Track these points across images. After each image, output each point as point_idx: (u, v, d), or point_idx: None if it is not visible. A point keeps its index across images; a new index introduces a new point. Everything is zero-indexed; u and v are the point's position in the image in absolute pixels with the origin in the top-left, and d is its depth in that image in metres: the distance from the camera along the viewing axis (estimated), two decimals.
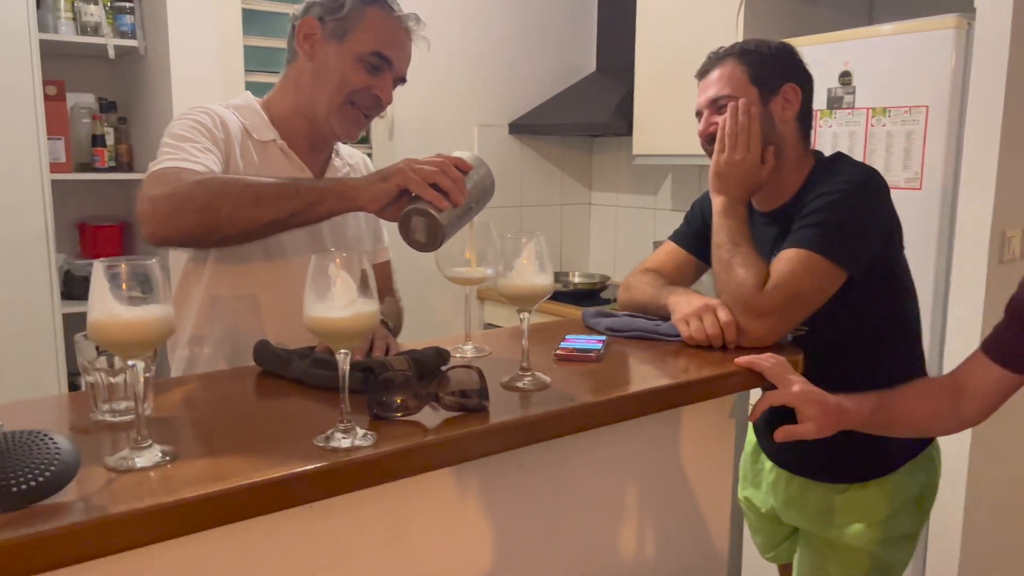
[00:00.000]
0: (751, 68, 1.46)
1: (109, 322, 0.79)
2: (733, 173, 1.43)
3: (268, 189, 1.16)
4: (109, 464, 0.82)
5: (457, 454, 0.96)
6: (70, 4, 2.64)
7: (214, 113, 1.35)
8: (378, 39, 1.36)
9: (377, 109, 1.42)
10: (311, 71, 1.38)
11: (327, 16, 1.36)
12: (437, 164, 1.15)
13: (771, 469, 1.59)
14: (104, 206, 3.00)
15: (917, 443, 1.49)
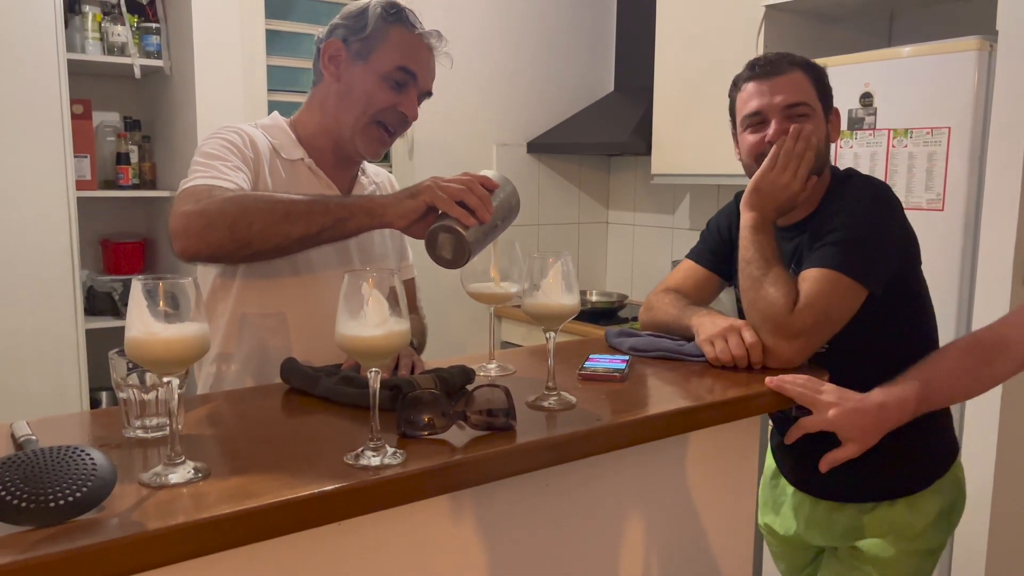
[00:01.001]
0: (818, 85, 1.44)
1: (147, 340, 0.80)
2: (775, 194, 1.38)
3: (298, 205, 1.18)
4: (143, 480, 0.83)
5: (485, 473, 0.96)
6: (97, 24, 2.69)
7: (243, 132, 1.37)
8: (402, 55, 1.38)
9: (403, 126, 1.44)
10: (337, 92, 1.40)
11: (351, 37, 1.38)
12: (464, 182, 1.17)
13: (793, 493, 1.57)
14: (127, 223, 3.04)
15: (942, 462, 1.48)
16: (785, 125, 1.41)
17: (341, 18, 1.41)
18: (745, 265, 1.39)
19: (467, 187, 1.16)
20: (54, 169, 2.47)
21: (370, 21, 1.37)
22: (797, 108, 1.42)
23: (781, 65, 1.43)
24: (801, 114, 1.42)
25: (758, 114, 1.44)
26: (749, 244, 1.39)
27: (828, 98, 1.46)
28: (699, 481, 1.32)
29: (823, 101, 1.45)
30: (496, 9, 3.40)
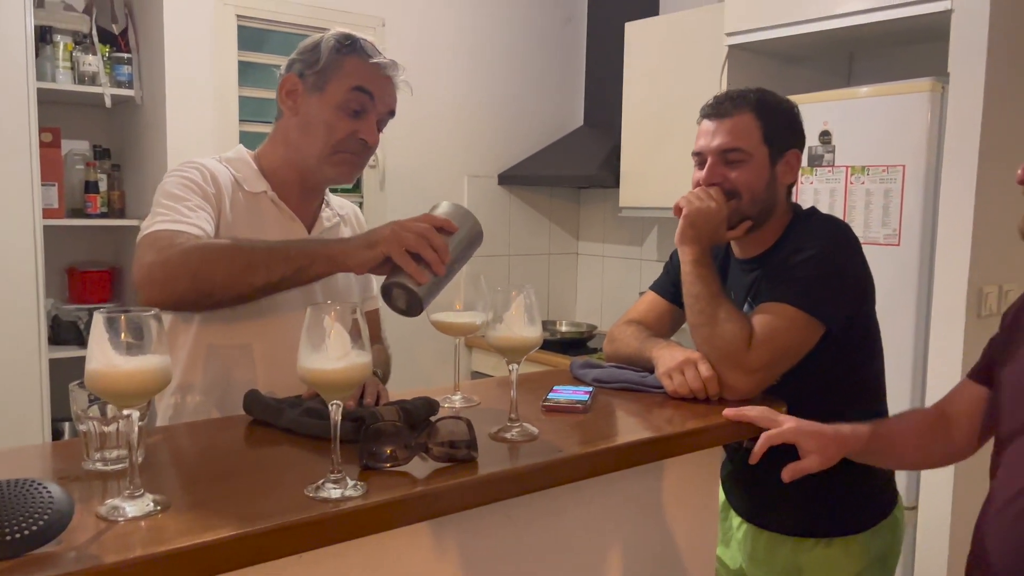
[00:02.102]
0: (766, 126, 1.44)
1: (108, 372, 0.80)
2: (708, 220, 1.42)
3: (259, 254, 1.19)
4: (101, 513, 0.83)
5: (446, 505, 0.97)
6: (68, 54, 2.69)
7: (204, 168, 1.38)
8: (357, 79, 1.38)
9: (366, 151, 1.44)
10: (297, 125, 1.41)
11: (306, 71, 1.40)
12: (422, 232, 1.18)
13: (739, 525, 1.59)
14: (94, 251, 3.02)
15: (885, 505, 1.51)
16: (717, 169, 1.45)
17: (297, 53, 1.42)
18: (693, 301, 1.41)
19: (425, 238, 1.17)
20: (21, 197, 2.46)
21: (323, 54, 1.39)
22: (731, 154, 1.44)
23: (730, 107, 1.45)
24: (734, 159, 1.44)
25: (699, 153, 1.49)
26: (695, 279, 1.41)
27: (781, 140, 1.46)
28: (661, 512, 1.34)
29: (771, 144, 1.45)
30: (468, 43, 3.45)
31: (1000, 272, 2.12)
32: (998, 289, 2.13)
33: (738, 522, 1.60)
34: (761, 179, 1.45)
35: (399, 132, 3.28)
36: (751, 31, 2.59)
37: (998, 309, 2.12)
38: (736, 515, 1.61)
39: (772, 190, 1.47)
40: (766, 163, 1.45)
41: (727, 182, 1.45)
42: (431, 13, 3.34)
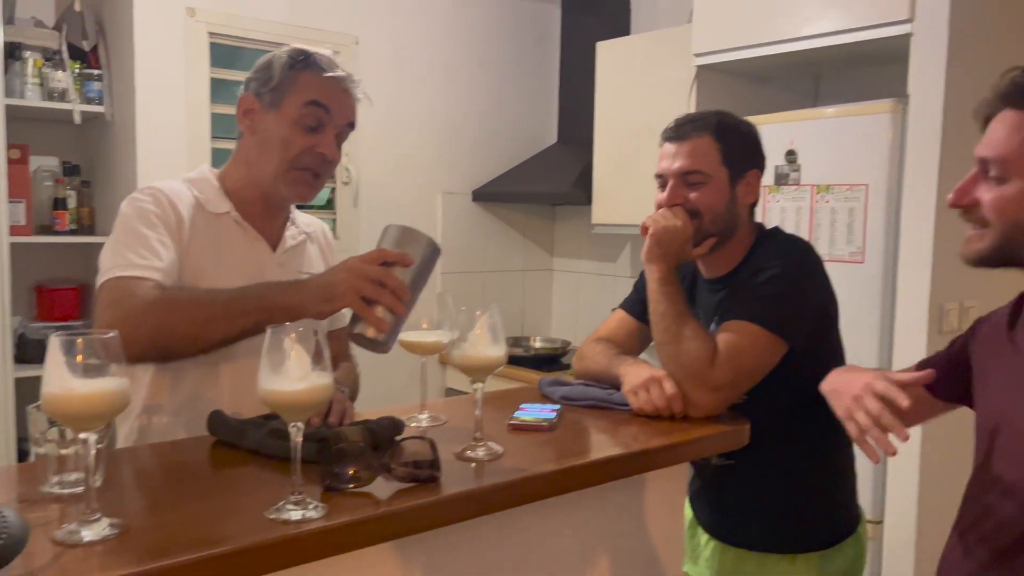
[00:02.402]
0: (725, 148, 1.47)
1: (64, 395, 0.80)
2: (673, 239, 1.44)
3: (217, 309, 1.20)
4: (57, 537, 0.82)
5: (408, 526, 0.97)
6: (38, 70, 2.68)
7: (162, 194, 1.37)
8: (312, 93, 1.38)
9: (326, 167, 1.42)
10: (255, 144, 1.42)
11: (262, 89, 1.40)
12: (377, 278, 1.18)
13: (707, 542, 1.60)
14: (63, 269, 2.99)
15: (849, 523, 1.53)
16: (678, 191, 1.48)
17: (252, 71, 1.43)
18: (659, 319, 1.43)
19: (380, 283, 1.17)
20: None
21: (277, 71, 1.39)
22: (691, 176, 1.47)
23: (689, 130, 1.49)
24: (694, 181, 1.47)
25: (661, 176, 1.52)
26: (661, 297, 1.44)
27: (740, 161, 1.49)
28: (628, 530, 1.35)
29: (730, 165, 1.48)
30: (442, 61, 3.47)
31: (961, 289, 2.16)
32: (959, 306, 2.17)
33: (706, 539, 1.61)
34: (721, 199, 1.47)
35: (373, 149, 3.29)
36: (718, 52, 2.63)
37: (959, 326, 2.16)
38: (704, 532, 1.62)
39: (733, 210, 1.49)
40: (726, 184, 1.48)
41: (688, 203, 1.47)
42: (405, 31, 3.36)
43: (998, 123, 1.05)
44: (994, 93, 1.07)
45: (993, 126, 1.06)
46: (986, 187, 1.06)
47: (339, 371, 1.50)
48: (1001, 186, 1.04)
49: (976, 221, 1.08)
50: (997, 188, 1.04)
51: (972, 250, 1.10)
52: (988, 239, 1.07)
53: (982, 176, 1.07)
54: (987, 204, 1.06)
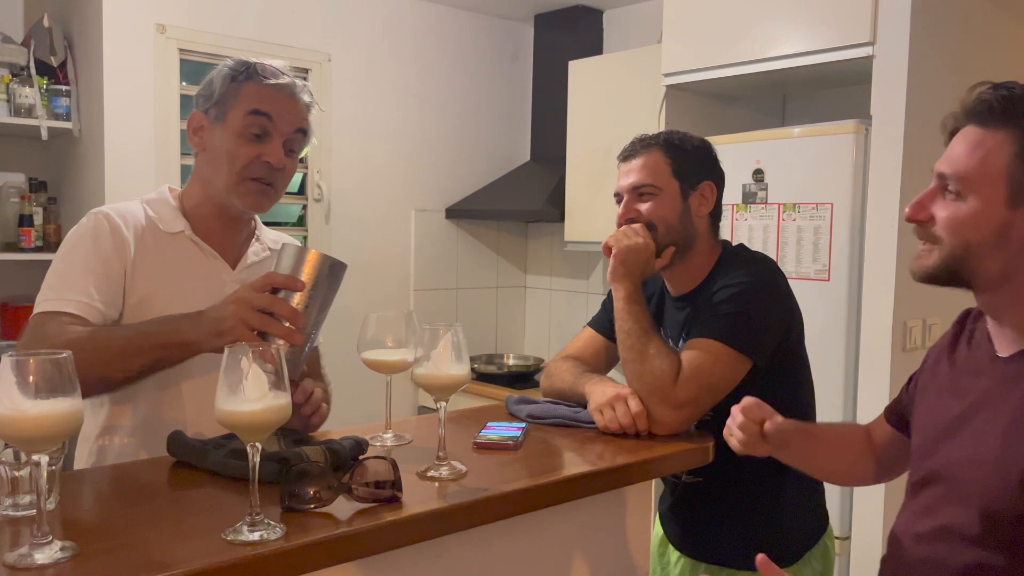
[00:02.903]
0: (674, 161, 1.52)
1: (15, 417, 0.79)
2: (636, 258, 1.47)
3: (113, 350, 1.20)
4: (8, 561, 0.81)
5: (369, 546, 0.96)
6: (4, 86, 2.65)
7: (103, 219, 1.36)
8: (252, 102, 1.37)
9: (278, 175, 1.40)
10: (206, 160, 1.41)
11: (207, 105, 1.40)
12: (265, 307, 1.17)
13: (677, 560, 1.61)
14: (28, 286, 2.93)
15: (812, 534, 1.54)
16: (632, 206, 1.53)
17: (198, 89, 1.43)
18: (625, 336, 1.44)
19: (271, 311, 1.17)
20: None
21: (218, 84, 1.38)
22: (641, 189, 1.52)
23: (638, 148, 1.54)
24: (645, 193, 1.51)
25: (618, 194, 1.56)
26: (627, 316, 1.45)
27: (692, 173, 1.53)
28: (593, 547, 1.35)
29: (681, 177, 1.52)
30: (415, 78, 3.49)
31: (924, 307, 2.20)
32: (922, 323, 2.21)
33: (676, 556, 1.62)
34: (673, 210, 1.51)
35: (345, 166, 3.28)
36: (687, 72, 2.67)
37: (923, 343, 2.19)
38: (674, 549, 1.62)
39: (687, 220, 1.52)
40: (677, 195, 1.51)
41: (640, 216, 1.51)
42: (378, 48, 3.37)
43: (960, 139, 1.04)
44: (961, 108, 1.05)
45: (955, 142, 1.05)
46: (942, 204, 1.05)
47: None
48: (957, 203, 1.03)
49: (928, 237, 1.08)
50: (952, 205, 1.04)
51: (919, 266, 1.09)
52: (936, 256, 1.06)
53: (939, 192, 1.06)
54: (941, 222, 1.05)
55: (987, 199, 1.01)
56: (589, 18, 3.55)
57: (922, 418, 1.17)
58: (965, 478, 1.04)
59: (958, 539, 1.03)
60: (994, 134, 1.01)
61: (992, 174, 1.00)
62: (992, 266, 1.02)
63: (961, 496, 1.04)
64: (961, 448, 1.06)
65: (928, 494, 1.10)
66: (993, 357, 1.08)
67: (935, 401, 1.15)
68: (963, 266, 1.04)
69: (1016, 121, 1.00)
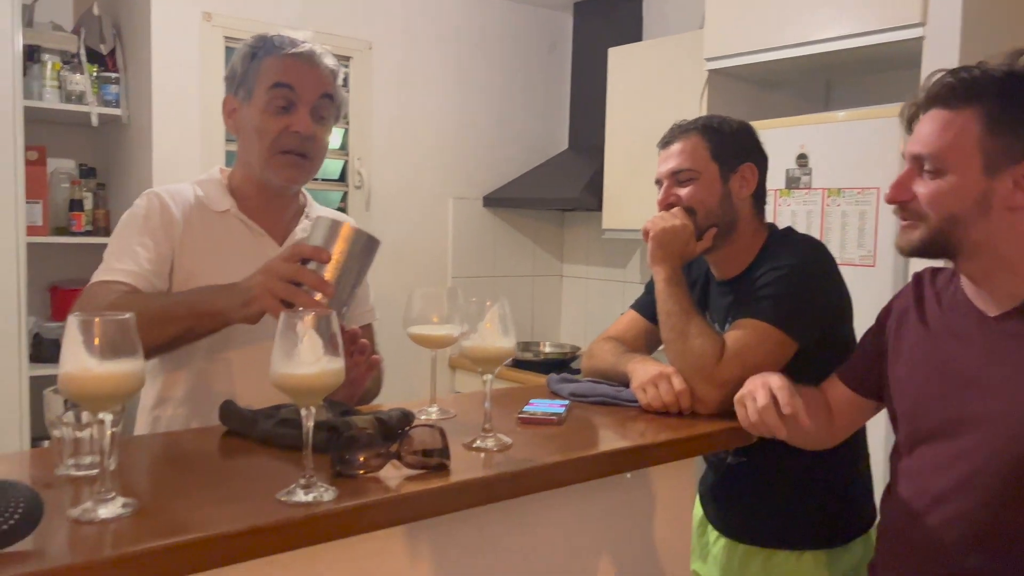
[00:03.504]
0: (713, 144, 1.52)
1: (81, 375, 0.82)
2: (675, 240, 1.47)
3: (150, 316, 1.19)
4: (72, 515, 0.83)
5: (416, 511, 0.98)
6: (56, 73, 2.72)
7: (155, 197, 1.40)
8: (272, 75, 1.39)
9: (309, 144, 1.41)
10: (242, 140, 1.45)
11: (235, 87, 1.43)
12: (291, 276, 1.15)
13: (716, 540, 1.60)
14: (78, 270, 3.00)
15: (863, 521, 1.52)
16: (671, 191, 1.53)
17: (225, 73, 1.46)
18: (666, 317, 1.44)
19: (297, 279, 1.15)
20: (5, 214, 2.46)
21: (239, 64, 1.41)
22: (681, 174, 1.52)
23: (676, 133, 1.55)
24: (685, 179, 1.51)
25: (658, 181, 1.57)
26: (667, 297, 1.45)
27: (732, 155, 1.52)
28: (635, 524, 1.35)
29: (720, 160, 1.51)
30: (455, 67, 3.50)
31: None
32: None
33: (715, 536, 1.61)
34: (713, 193, 1.50)
35: (385, 154, 3.31)
36: (730, 56, 2.65)
37: None
38: (714, 529, 1.62)
39: (728, 203, 1.51)
40: (716, 178, 1.51)
41: (680, 200, 1.51)
42: (418, 37, 3.39)
43: (928, 121, 1.13)
44: (924, 94, 1.15)
45: (922, 124, 1.14)
46: (922, 183, 1.14)
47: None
48: (936, 180, 1.11)
49: (911, 215, 1.16)
50: (933, 183, 1.12)
51: (907, 240, 1.17)
52: (922, 229, 1.14)
53: (916, 172, 1.14)
54: (923, 197, 1.13)
55: (965, 172, 1.10)
56: (629, 5, 3.53)
57: (906, 378, 1.24)
58: (995, 429, 1.10)
59: (986, 490, 1.09)
60: (962, 112, 1.10)
61: (967, 148, 1.09)
62: (976, 234, 1.11)
63: (991, 447, 1.09)
64: (981, 401, 1.12)
65: (939, 449, 1.16)
66: (982, 317, 1.16)
67: (921, 360, 1.22)
68: (949, 237, 1.13)
69: (980, 98, 1.09)
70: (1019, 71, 1.10)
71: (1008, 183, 1.09)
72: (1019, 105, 1.09)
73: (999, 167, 1.09)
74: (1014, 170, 1.09)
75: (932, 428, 1.18)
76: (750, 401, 1.26)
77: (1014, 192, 1.09)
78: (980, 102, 1.09)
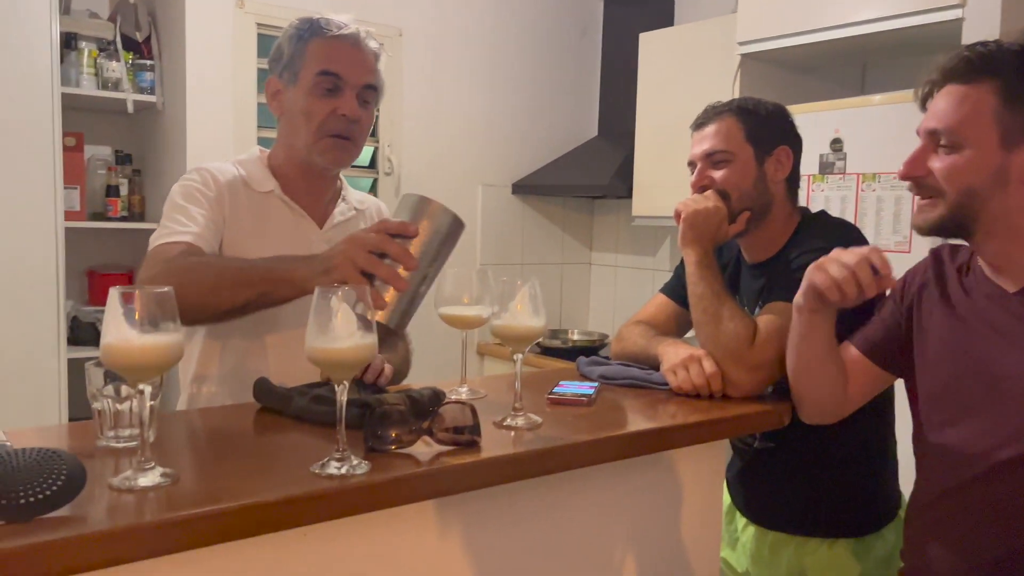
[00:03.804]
0: (748, 126, 1.50)
1: (122, 346, 0.83)
2: (707, 222, 1.46)
3: (224, 278, 1.21)
4: (113, 484, 0.85)
5: (447, 486, 0.99)
6: (93, 60, 2.76)
7: (207, 173, 1.42)
8: (320, 62, 1.40)
9: (355, 128, 1.43)
10: (285, 122, 1.46)
11: (280, 68, 1.44)
12: (375, 246, 1.13)
13: (745, 527, 1.59)
14: (114, 254, 3.07)
15: (891, 507, 1.50)
16: (705, 173, 1.51)
17: (270, 55, 1.47)
18: (697, 300, 1.43)
19: (381, 249, 1.13)
20: (43, 199, 2.51)
21: (286, 46, 1.43)
22: (715, 156, 1.50)
23: (711, 115, 1.53)
24: (719, 161, 1.49)
25: (692, 163, 1.55)
26: (698, 280, 1.44)
27: (767, 138, 1.50)
28: (664, 506, 1.35)
29: (755, 142, 1.49)
30: (484, 53, 3.50)
31: None
32: None
33: (743, 523, 1.60)
34: (747, 176, 1.49)
35: (414, 140, 3.32)
36: (763, 40, 2.61)
37: None
38: (742, 517, 1.61)
39: (763, 186, 1.50)
40: (751, 161, 1.49)
41: (714, 182, 1.49)
42: (448, 23, 3.38)
43: (943, 97, 1.13)
44: (939, 71, 1.14)
45: (938, 101, 1.14)
46: (937, 158, 1.13)
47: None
48: (952, 155, 1.10)
49: (927, 192, 1.14)
50: (949, 158, 1.11)
51: (924, 219, 1.15)
52: (941, 207, 1.12)
53: (931, 148, 1.14)
54: (939, 172, 1.11)
55: (982, 145, 1.09)
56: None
57: (935, 360, 1.21)
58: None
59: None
60: (977, 87, 1.10)
61: (983, 121, 1.09)
62: (994, 209, 1.10)
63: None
64: (1011, 380, 1.10)
65: (971, 430, 1.14)
66: (1003, 294, 1.14)
67: (949, 340, 1.20)
68: (967, 212, 1.11)
69: (996, 72, 1.09)
70: None
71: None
72: None
73: (1016, 141, 1.08)
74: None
75: (962, 409, 1.16)
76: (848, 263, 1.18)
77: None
78: (996, 76, 1.09)
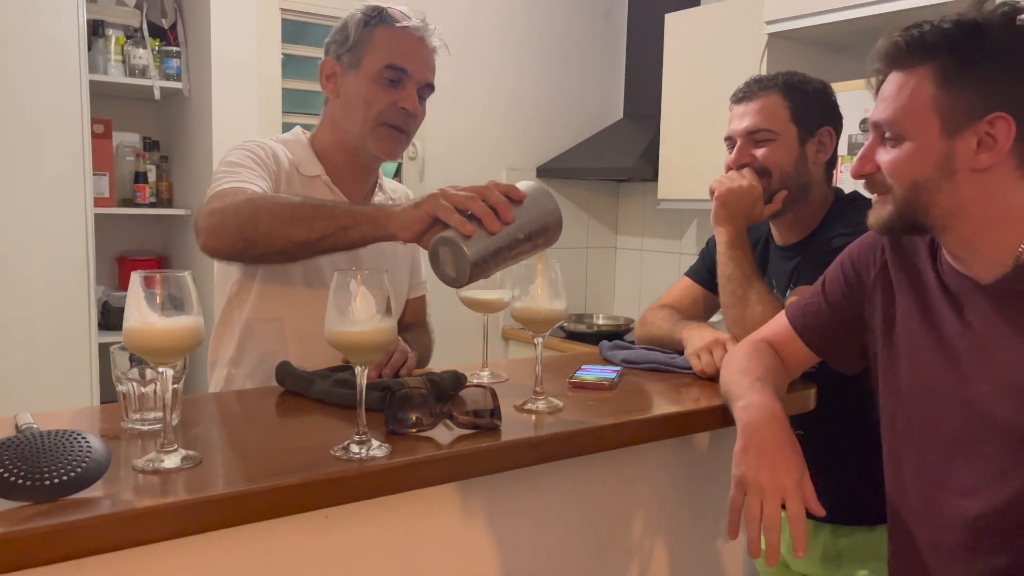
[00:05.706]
0: (794, 105, 1.45)
1: (143, 329, 0.84)
2: (741, 201, 1.43)
3: (304, 209, 1.17)
4: (137, 465, 0.87)
5: (467, 469, 0.99)
6: (120, 47, 2.78)
7: (266, 146, 1.42)
8: (388, 53, 1.39)
9: (411, 122, 1.43)
10: (340, 106, 1.44)
11: (341, 51, 1.43)
12: (475, 190, 1.08)
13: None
14: (143, 240, 3.11)
15: None
16: (745, 150, 1.46)
17: (330, 36, 1.45)
18: (726, 282, 1.41)
19: (477, 195, 1.06)
20: (73, 186, 2.54)
21: (352, 31, 1.41)
22: (758, 134, 1.45)
23: (756, 89, 1.47)
24: (761, 139, 1.45)
25: (730, 138, 1.50)
26: (728, 260, 1.42)
27: (811, 118, 1.46)
28: (686, 490, 1.34)
29: (800, 123, 1.45)
30: (508, 36, 3.47)
31: None
32: None
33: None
34: (789, 157, 1.45)
35: (439, 124, 3.31)
36: (791, 19, 2.56)
37: None
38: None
39: (803, 168, 1.46)
40: (795, 141, 1.45)
41: (755, 161, 1.45)
42: (472, 5, 3.37)
43: (887, 86, 1.06)
44: (877, 57, 1.07)
45: (882, 90, 1.07)
46: (883, 151, 1.07)
47: (411, 335, 1.53)
48: (895, 148, 1.05)
49: (879, 188, 1.09)
50: (892, 151, 1.05)
51: (876, 217, 1.10)
52: (890, 203, 1.07)
53: (879, 142, 1.08)
54: (885, 167, 1.06)
55: (922, 135, 1.02)
56: None
57: (906, 356, 1.15)
58: (1015, 401, 1.01)
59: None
60: (913, 72, 1.03)
61: (920, 110, 1.02)
62: (944, 201, 1.03)
63: (1016, 422, 1.01)
64: (988, 378, 1.04)
65: (950, 430, 1.09)
66: (975, 286, 1.07)
67: (918, 335, 1.13)
68: (916, 208, 1.05)
69: (930, 57, 1.01)
70: (968, 21, 1.00)
71: (971, 143, 1.00)
72: (974, 58, 0.99)
73: (959, 127, 1.00)
74: (976, 128, 0.99)
75: (938, 409, 1.10)
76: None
77: (978, 153, 1.00)
78: (932, 59, 1.01)
